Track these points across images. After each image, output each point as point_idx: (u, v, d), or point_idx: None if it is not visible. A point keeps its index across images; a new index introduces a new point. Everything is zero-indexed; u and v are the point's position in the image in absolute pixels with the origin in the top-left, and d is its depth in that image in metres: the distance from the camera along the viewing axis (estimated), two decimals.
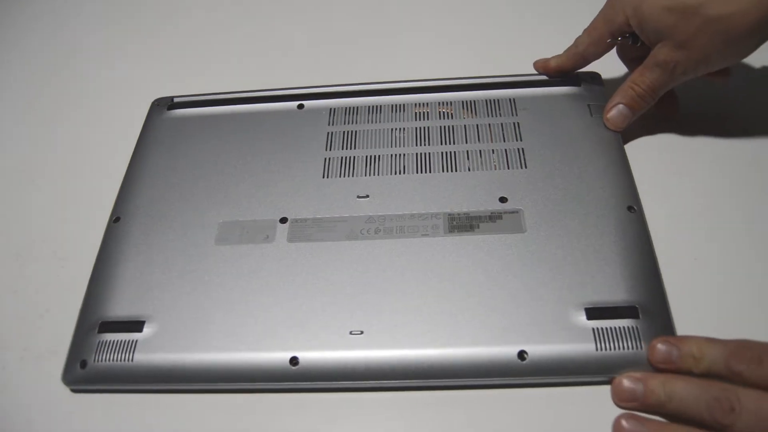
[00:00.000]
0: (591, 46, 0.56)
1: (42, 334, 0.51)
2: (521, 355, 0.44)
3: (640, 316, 0.45)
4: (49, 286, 0.55)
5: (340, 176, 0.55)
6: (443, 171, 0.54)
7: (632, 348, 0.43)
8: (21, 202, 0.61)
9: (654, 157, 0.56)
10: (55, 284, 0.55)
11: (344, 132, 0.58)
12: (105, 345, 0.48)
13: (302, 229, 0.52)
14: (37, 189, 0.62)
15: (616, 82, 0.58)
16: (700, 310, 0.47)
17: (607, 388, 0.44)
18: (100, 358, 0.47)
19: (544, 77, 0.60)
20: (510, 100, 0.58)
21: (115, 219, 0.55)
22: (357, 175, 0.55)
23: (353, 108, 0.60)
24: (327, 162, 0.56)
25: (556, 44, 0.59)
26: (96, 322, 0.49)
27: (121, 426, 0.46)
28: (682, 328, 0.45)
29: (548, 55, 0.59)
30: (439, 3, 0.73)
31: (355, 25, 0.55)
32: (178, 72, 0.71)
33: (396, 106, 0.59)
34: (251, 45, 0.73)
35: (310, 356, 0.45)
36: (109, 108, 0.69)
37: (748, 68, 0.62)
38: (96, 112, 0.69)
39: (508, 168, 0.54)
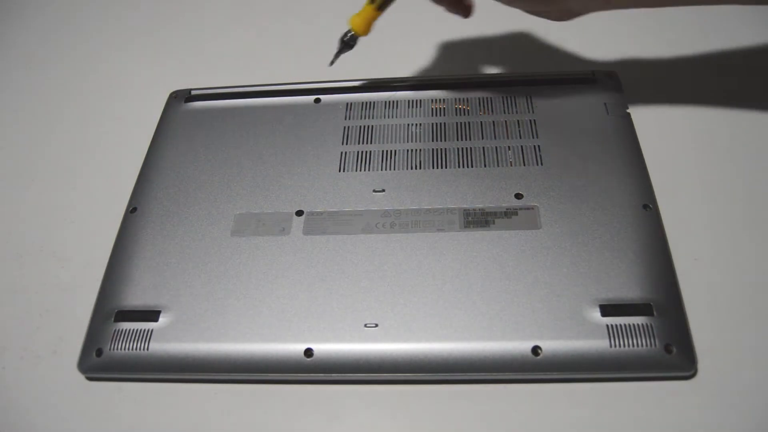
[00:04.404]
0: None
1: (42, 334, 0.52)
2: (535, 350, 0.44)
3: (655, 313, 0.45)
4: (49, 286, 0.55)
5: (356, 170, 0.55)
6: (459, 167, 0.54)
7: (646, 345, 0.43)
8: (21, 201, 0.62)
9: (670, 156, 0.56)
10: (55, 284, 0.55)
11: (361, 126, 0.58)
12: (121, 334, 0.48)
13: (318, 222, 0.52)
14: (37, 188, 0.63)
15: (633, 81, 0.59)
16: (714, 308, 0.47)
17: (621, 385, 0.44)
18: (115, 347, 0.48)
19: (560, 75, 0.60)
20: (526, 97, 0.58)
21: (132, 209, 0.55)
22: (373, 170, 0.55)
23: (370, 103, 0.60)
24: (343, 156, 0.56)
25: (572, 42, 0.59)
26: (112, 311, 0.49)
27: (135, 414, 0.47)
28: (696, 325, 0.45)
29: (566, 53, 0.59)
30: None
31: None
32: (196, 64, 0.71)
33: (412, 101, 0.60)
34: (269, 38, 0.73)
35: (324, 348, 0.46)
36: (126, 100, 0.69)
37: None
38: (113, 105, 0.69)
39: (524, 165, 0.54)
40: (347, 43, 0.55)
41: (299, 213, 0.53)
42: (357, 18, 0.54)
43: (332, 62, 0.56)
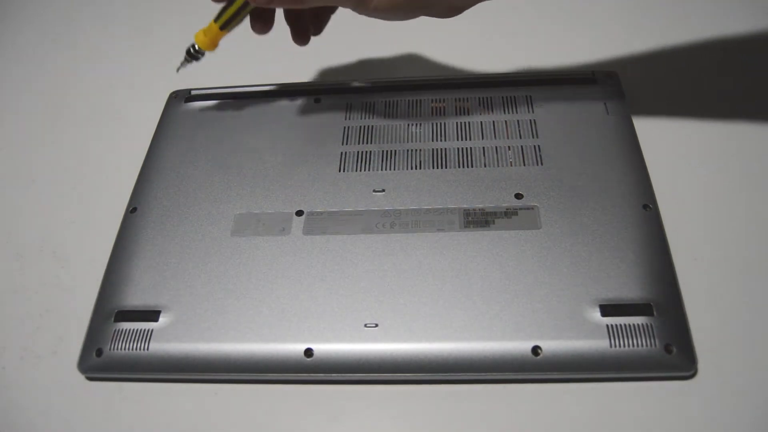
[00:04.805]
0: None
1: (42, 334, 0.52)
2: (535, 350, 0.44)
3: (655, 313, 0.44)
4: (49, 286, 0.55)
5: (356, 170, 0.55)
6: (459, 167, 0.54)
7: (646, 345, 0.43)
8: (21, 201, 0.61)
9: (670, 156, 0.56)
10: (55, 284, 0.55)
11: (361, 126, 0.58)
12: (121, 334, 0.48)
13: (318, 222, 0.52)
14: (37, 188, 0.62)
15: (633, 81, 0.58)
16: (715, 309, 0.47)
17: (621, 385, 0.44)
18: (115, 347, 0.47)
19: (560, 75, 0.60)
20: (526, 97, 0.58)
21: (132, 209, 0.55)
22: (373, 170, 0.55)
23: (370, 103, 0.60)
24: (343, 156, 0.56)
25: (572, 42, 0.59)
26: (112, 311, 0.49)
27: (135, 414, 0.47)
28: (696, 325, 0.45)
29: (566, 53, 0.59)
30: None
31: (373, 20, 0.55)
32: (196, 65, 0.71)
33: (412, 101, 0.60)
34: (269, 38, 0.73)
35: (324, 348, 0.46)
36: (126, 100, 0.69)
37: None
38: (113, 105, 0.69)
39: (524, 165, 0.54)
40: (193, 55, 0.57)
41: (299, 213, 0.53)
42: (201, 34, 0.56)
43: (178, 69, 0.57)
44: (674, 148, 0.56)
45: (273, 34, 0.73)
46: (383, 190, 0.53)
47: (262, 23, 0.55)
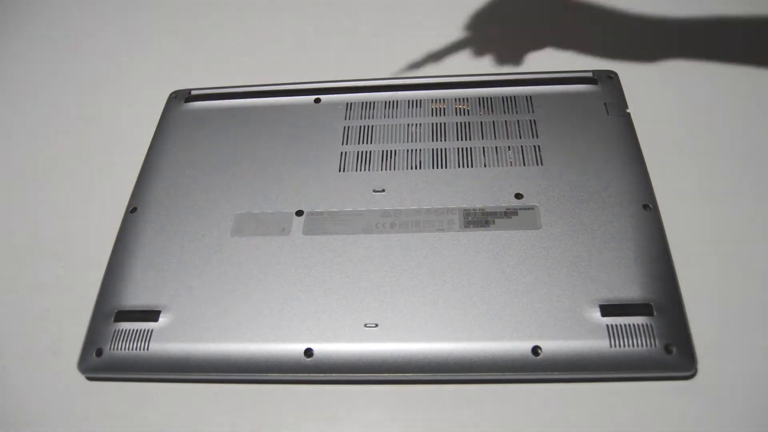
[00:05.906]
0: None
1: (42, 334, 0.52)
2: (535, 350, 0.44)
3: (655, 313, 0.45)
4: (49, 286, 0.55)
5: (356, 170, 0.55)
6: (459, 167, 0.54)
7: (646, 345, 0.43)
8: (21, 201, 0.61)
9: (670, 156, 0.56)
10: (55, 284, 0.55)
11: (361, 126, 0.58)
12: (121, 334, 0.48)
13: (318, 222, 0.52)
14: (37, 188, 0.62)
15: (633, 81, 0.58)
16: (714, 308, 0.47)
17: (621, 385, 0.44)
18: (115, 347, 0.48)
19: (560, 75, 0.60)
20: (527, 97, 0.58)
21: (132, 209, 0.55)
22: (373, 170, 0.55)
23: (370, 103, 0.60)
24: (343, 156, 0.56)
25: (572, 42, 0.59)
26: (112, 311, 0.49)
27: (135, 414, 0.47)
28: (696, 325, 0.45)
29: (566, 53, 0.59)
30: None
31: (373, 20, 0.55)
32: (196, 65, 0.71)
33: (412, 101, 0.60)
34: (269, 38, 0.73)
35: (324, 348, 0.46)
36: (126, 100, 0.69)
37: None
38: (114, 105, 0.69)
39: (524, 165, 0.54)
40: None
41: (299, 213, 0.53)
42: None
43: None
44: (674, 148, 0.56)
45: (273, 34, 0.73)
46: (383, 190, 0.53)
47: None
